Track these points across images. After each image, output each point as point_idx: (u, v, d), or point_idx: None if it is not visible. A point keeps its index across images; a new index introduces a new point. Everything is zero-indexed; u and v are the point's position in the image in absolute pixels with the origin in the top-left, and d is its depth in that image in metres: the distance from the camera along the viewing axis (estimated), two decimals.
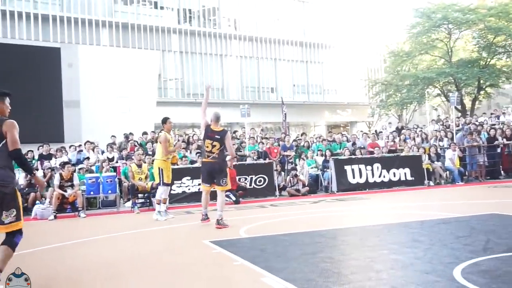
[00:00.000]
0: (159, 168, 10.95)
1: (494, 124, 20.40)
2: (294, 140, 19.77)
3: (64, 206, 12.79)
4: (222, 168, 9.45)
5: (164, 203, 11.20)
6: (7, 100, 5.28)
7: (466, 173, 17.89)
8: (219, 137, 9.34)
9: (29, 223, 11.93)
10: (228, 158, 10.39)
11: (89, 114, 19.83)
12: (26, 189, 13.73)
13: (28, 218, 12.59)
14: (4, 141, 5.01)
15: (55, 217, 12.14)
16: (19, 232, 5.11)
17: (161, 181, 10.97)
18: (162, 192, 11.08)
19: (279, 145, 18.24)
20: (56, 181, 12.53)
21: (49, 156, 15.53)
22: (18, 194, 5.17)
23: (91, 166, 15.00)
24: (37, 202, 12.97)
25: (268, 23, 40.74)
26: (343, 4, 43.37)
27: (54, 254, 7.50)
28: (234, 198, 13.68)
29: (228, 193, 12.47)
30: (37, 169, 14.43)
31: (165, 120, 11.33)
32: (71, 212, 12.82)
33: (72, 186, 12.60)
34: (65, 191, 12.46)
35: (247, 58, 39.99)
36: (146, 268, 6.17)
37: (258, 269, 5.62)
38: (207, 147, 9.37)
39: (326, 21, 42.99)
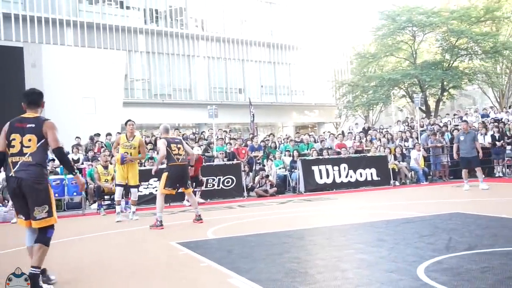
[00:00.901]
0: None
1: (458, 125, 20.81)
2: (262, 141, 19.82)
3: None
4: (187, 171, 10.03)
5: (118, 204, 11.30)
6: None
7: (431, 173, 18.24)
8: (178, 140, 9.91)
9: None
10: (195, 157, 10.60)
11: (54, 115, 19.18)
12: None
13: None
14: (43, 141, 5.17)
15: None
16: (50, 227, 5.22)
17: (114, 182, 11.67)
18: (118, 192, 11.24)
19: (247, 146, 18.26)
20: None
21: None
22: (51, 190, 5.27)
23: (55, 167, 14.75)
24: (0, 205, 12.68)
25: (236, 24, 40.77)
26: (310, 5, 43.65)
27: (15, 257, 7.35)
28: None
29: None
30: None
31: (126, 122, 11.46)
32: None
33: None
34: None
35: (214, 59, 39.92)
36: (112, 270, 6.12)
37: (225, 270, 5.63)
38: (174, 150, 9.64)
39: (293, 23, 43.23)
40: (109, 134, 17.98)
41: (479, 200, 11.66)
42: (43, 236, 5.17)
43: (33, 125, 5.18)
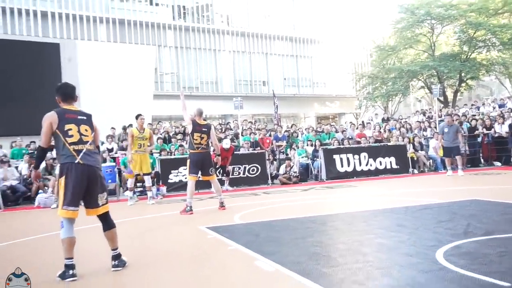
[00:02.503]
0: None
1: (475, 115, 20.51)
2: (286, 131, 19.79)
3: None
4: (210, 159, 9.90)
5: (131, 190, 11.93)
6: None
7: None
8: (206, 129, 9.73)
9: (32, 211, 11.94)
10: (213, 151, 10.57)
11: (88, 107, 19.38)
12: (30, 179, 13.71)
13: (32, 207, 12.61)
14: (93, 133, 5.22)
15: (58, 205, 12.12)
16: (108, 212, 5.28)
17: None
18: (130, 181, 11.96)
19: (271, 135, 18.25)
20: (57, 170, 12.48)
21: (50, 147, 15.45)
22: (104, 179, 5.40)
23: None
24: (40, 191, 12.94)
25: (260, 19, 40.63)
26: (331, 0, 43.27)
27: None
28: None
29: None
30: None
31: (137, 117, 11.86)
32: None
33: None
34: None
35: (239, 52, 39.89)
36: (144, 253, 6.21)
37: (252, 253, 5.66)
38: (196, 139, 9.63)
39: (315, 17, 42.90)
40: (149, 124, 18.15)
41: (496, 187, 11.49)
42: (109, 220, 5.27)
43: (85, 118, 5.20)
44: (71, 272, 4.89)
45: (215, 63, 38.90)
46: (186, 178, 13.98)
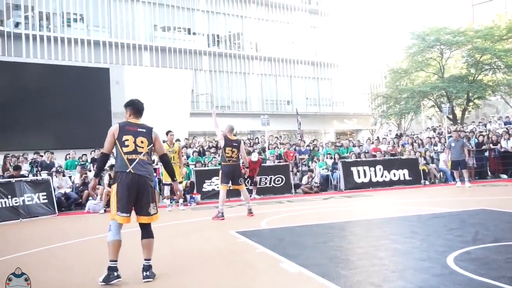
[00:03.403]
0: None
1: (482, 131, 20.04)
2: (308, 145, 19.68)
3: None
4: (239, 170, 9.92)
5: (168, 199, 11.93)
6: None
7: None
8: (236, 144, 9.76)
9: (83, 216, 12.10)
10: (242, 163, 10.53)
11: None
12: (81, 187, 13.92)
13: (82, 212, 12.79)
14: (151, 145, 5.04)
15: (105, 211, 12.25)
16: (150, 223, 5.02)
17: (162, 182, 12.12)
18: (166, 190, 11.87)
19: (294, 149, 18.16)
20: (106, 180, 12.64)
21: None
22: (157, 190, 5.21)
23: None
24: (90, 198, 13.11)
25: (285, 46, 40.74)
26: (349, 28, 43.18)
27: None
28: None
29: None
30: (89, 170, 14.57)
31: (167, 133, 11.92)
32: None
33: None
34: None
35: (266, 75, 40.02)
36: (180, 254, 6.20)
37: (277, 256, 5.60)
38: (227, 153, 9.66)
39: (334, 44, 42.85)
40: (178, 140, 18.23)
41: (503, 198, 11.15)
42: (149, 230, 4.97)
43: (144, 130, 5.03)
44: (115, 273, 4.70)
45: (244, 85, 39.09)
46: (218, 187, 14.05)
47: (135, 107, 5.17)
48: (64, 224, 10.77)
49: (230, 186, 9.87)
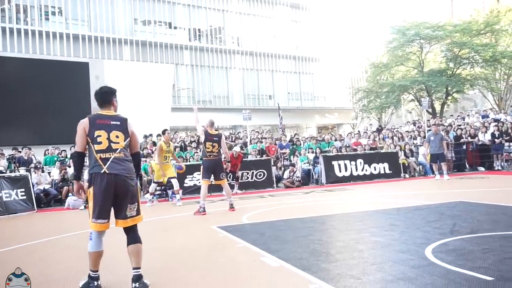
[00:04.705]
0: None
1: (460, 125, 20.35)
2: (290, 140, 19.74)
3: None
4: (221, 165, 9.85)
5: (151, 194, 12.07)
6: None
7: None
8: (217, 139, 9.71)
9: (63, 212, 11.96)
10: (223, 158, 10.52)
11: None
12: (60, 183, 13.74)
13: (62, 208, 12.63)
14: (128, 139, 4.44)
15: (85, 207, 12.14)
16: (136, 226, 4.43)
17: (152, 179, 12.19)
18: (152, 187, 12.05)
19: (276, 144, 18.20)
20: (86, 176, 12.49)
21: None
22: (139, 188, 4.58)
23: None
24: (70, 194, 12.96)
25: (266, 40, 40.70)
26: (330, 23, 43.34)
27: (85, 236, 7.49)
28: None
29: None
30: (69, 166, 14.39)
31: (163, 132, 11.95)
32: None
33: None
34: None
35: (248, 70, 39.96)
36: (161, 249, 6.17)
37: (258, 250, 5.62)
38: (208, 148, 9.66)
39: (315, 38, 42.97)
40: (159, 135, 18.15)
41: (480, 190, 11.35)
42: (136, 234, 4.38)
43: (118, 123, 4.43)
44: (96, 283, 4.29)
45: (226, 79, 38.97)
46: (200, 182, 14.01)
47: (98, 97, 4.54)
48: (44, 220, 10.63)
49: (212, 181, 9.87)
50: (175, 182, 11.71)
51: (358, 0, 45.19)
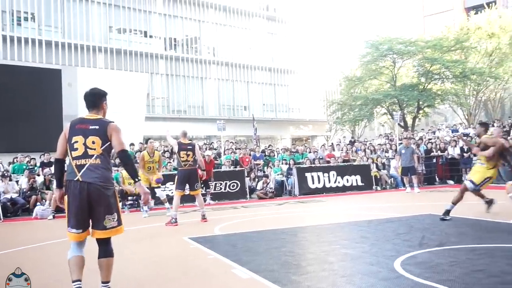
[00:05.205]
0: None
1: (431, 139, 20.76)
2: (263, 151, 19.78)
3: (63, 208, 12.49)
4: (196, 175, 9.77)
5: (145, 204, 11.47)
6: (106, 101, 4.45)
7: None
8: (190, 147, 9.67)
9: (30, 222, 11.67)
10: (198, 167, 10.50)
11: None
12: (28, 192, 13.42)
13: (29, 218, 12.33)
14: (107, 144, 4.20)
15: (54, 217, 11.89)
16: (110, 238, 4.21)
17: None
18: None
19: (250, 155, 18.21)
20: (55, 184, 12.23)
21: (49, 164, 15.17)
22: (117, 197, 4.34)
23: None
24: (38, 203, 12.67)
25: (242, 51, 40.86)
26: (306, 36, 43.81)
27: (57, 248, 7.34)
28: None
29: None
30: (38, 175, 14.09)
31: (147, 141, 11.82)
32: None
33: None
34: None
35: (223, 80, 40.00)
36: (131, 261, 6.08)
37: (229, 262, 5.60)
38: (183, 157, 9.63)
39: (291, 51, 43.37)
40: (132, 144, 17.97)
41: (449, 204, 11.55)
42: (109, 247, 4.19)
43: (97, 127, 4.19)
44: None
45: (201, 89, 38.90)
46: (172, 192, 13.89)
47: (86, 99, 4.40)
48: (10, 230, 10.35)
49: (185, 192, 9.83)
50: (159, 192, 11.66)
51: (333, 14, 45.89)
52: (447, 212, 8.35)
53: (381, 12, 79.22)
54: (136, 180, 4.33)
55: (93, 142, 4.13)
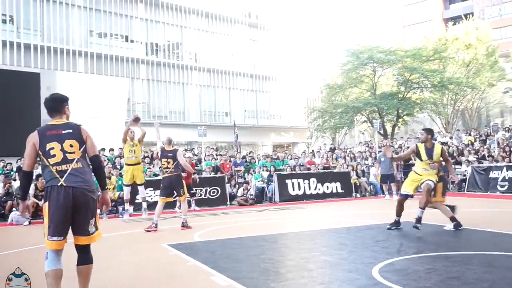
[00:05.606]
0: None
1: (409, 147, 20.97)
2: (243, 157, 19.77)
3: (38, 214, 12.29)
4: (179, 180, 9.69)
5: (127, 202, 11.83)
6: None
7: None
8: (171, 155, 9.64)
9: (6, 228, 11.44)
10: (184, 175, 10.49)
11: None
12: (4, 197, 13.16)
13: (5, 224, 12.08)
14: (84, 146, 4.14)
15: (30, 223, 11.68)
16: (90, 244, 4.14)
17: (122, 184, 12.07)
18: (125, 192, 11.91)
19: (231, 161, 18.18)
20: (32, 190, 12.03)
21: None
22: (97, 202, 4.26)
23: None
24: (14, 209, 12.42)
25: (224, 57, 40.90)
26: (288, 43, 44.08)
27: (31, 254, 7.20)
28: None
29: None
30: (14, 180, 13.83)
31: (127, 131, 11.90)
32: (43, 219, 12.32)
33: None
34: (39, 200, 11.99)
35: (205, 86, 39.95)
36: (110, 267, 6.01)
37: (208, 269, 5.58)
38: (163, 164, 9.69)
39: (273, 58, 43.57)
40: (111, 149, 17.80)
41: (426, 211, 11.68)
42: (88, 253, 4.13)
43: (70, 130, 4.12)
44: None
45: (183, 95, 38.79)
46: (152, 199, 13.82)
47: (48, 105, 4.24)
48: None
49: (170, 199, 9.82)
50: (141, 189, 11.58)
51: (315, 22, 46.28)
52: (419, 220, 8.27)
53: (362, 21, 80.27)
54: (105, 189, 4.30)
55: (71, 146, 4.07)
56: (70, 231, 4.12)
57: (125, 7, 35.93)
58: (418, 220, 7.98)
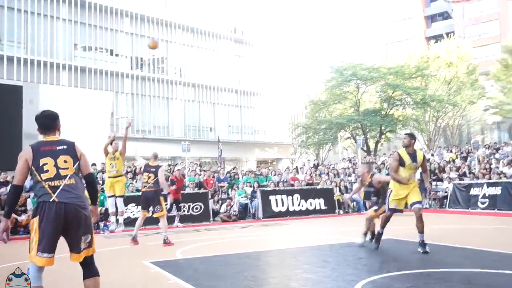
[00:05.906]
0: None
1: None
2: (227, 173, 19.75)
3: (18, 229, 12.10)
4: (156, 197, 9.59)
5: (112, 215, 11.55)
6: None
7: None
8: (154, 170, 9.65)
9: None
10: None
11: None
12: None
13: None
14: (77, 163, 4.17)
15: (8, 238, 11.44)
16: (93, 257, 4.17)
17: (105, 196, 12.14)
18: (109, 204, 11.75)
19: (214, 177, 18.15)
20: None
21: (5, 183, 14.68)
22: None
23: None
24: None
25: (209, 73, 41.03)
26: (272, 59, 44.44)
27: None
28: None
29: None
30: None
31: (111, 142, 11.80)
32: (23, 235, 12.13)
33: (25, 211, 12.01)
34: (19, 215, 11.82)
35: (189, 101, 39.94)
36: None
37: (190, 287, 5.53)
38: (144, 179, 9.75)
39: (257, 73, 43.84)
40: (94, 164, 17.62)
41: (409, 228, 11.78)
42: (93, 267, 4.14)
43: (65, 147, 4.17)
44: None
45: (167, 110, 38.72)
46: (134, 214, 13.73)
47: (39, 122, 4.28)
48: None
49: (151, 213, 9.69)
50: (120, 202, 11.25)
51: (300, 38, 46.80)
52: (378, 238, 8.32)
53: (346, 38, 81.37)
54: (95, 203, 4.38)
55: (65, 161, 4.09)
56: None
57: (110, 21, 35.91)
58: (423, 244, 7.78)
